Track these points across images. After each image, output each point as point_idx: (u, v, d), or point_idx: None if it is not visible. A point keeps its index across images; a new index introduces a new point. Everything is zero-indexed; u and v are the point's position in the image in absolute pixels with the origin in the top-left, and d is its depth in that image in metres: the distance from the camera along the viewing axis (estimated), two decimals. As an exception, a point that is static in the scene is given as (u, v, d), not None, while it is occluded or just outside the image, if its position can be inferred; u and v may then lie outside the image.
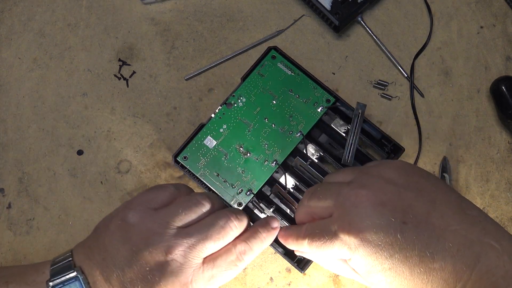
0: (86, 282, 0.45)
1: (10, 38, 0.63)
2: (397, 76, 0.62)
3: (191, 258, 0.45)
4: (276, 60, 0.58)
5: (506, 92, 0.59)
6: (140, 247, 0.45)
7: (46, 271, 0.47)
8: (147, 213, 0.47)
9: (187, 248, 0.45)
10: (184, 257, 0.45)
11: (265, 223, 0.50)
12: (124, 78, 0.62)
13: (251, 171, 0.55)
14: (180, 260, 0.45)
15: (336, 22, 0.61)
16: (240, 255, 0.48)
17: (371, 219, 0.42)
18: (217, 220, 0.48)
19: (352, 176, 0.47)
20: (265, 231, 0.49)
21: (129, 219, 0.47)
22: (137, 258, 0.45)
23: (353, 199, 0.44)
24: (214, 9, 0.64)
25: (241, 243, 0.48)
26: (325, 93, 0.58)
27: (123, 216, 0.47)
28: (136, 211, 0.47)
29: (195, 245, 0.46)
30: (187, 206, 0.48)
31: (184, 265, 0.45)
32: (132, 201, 0.49)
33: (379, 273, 0.42)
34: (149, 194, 0.50)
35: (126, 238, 0.46)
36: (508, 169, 0.60)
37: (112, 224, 0.47)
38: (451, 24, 0.64)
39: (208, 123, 0.57)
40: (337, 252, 0.44)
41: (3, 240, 0.58)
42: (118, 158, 0.60)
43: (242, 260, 0.48)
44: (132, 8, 0.64)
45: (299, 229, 0.48)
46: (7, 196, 0.59)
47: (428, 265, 0.41)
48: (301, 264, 0.54)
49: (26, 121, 0.61)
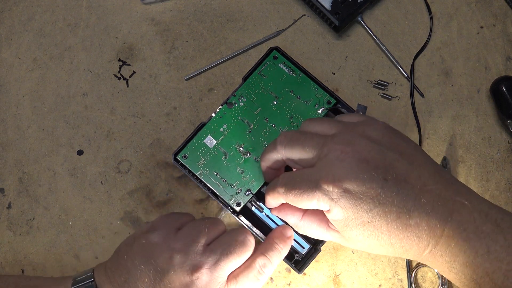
0: None
1: (10, 38, 0.63)
2: (397, 76, 0.62)
3: (217, 276, 0.46)
4: (278, 61, 0.58)
5: (506, 92, 0.59)
6: (165, 267, 0.45)
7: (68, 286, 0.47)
8: (170, 232, 0.47)
9: (212, 266, 0.45)
10: (209, 275, 0.45)
11: (280, 234, 0.50)
12: (124, 78, 0.62)
13: (251, 171, 0.55)
14: (205, 279, 0.45)
15: (336, 22, 0.61)
16: (261, 269, 0.48)
17: (355, 173, 0.43)
18: (236, 236, 0.48)
19: (336, 129, 0.47)
20: (281, 242, 0.50)
21: (153, 239, 0.47)
22: (161, 279, 0.45)
23: (338, 154, 0.44)
24: (214, 9, 0.64)
25: (260, 257, 0.48)
26: (326, 94, 0.58)
27: (147, 237, 0.47)
28: (160, 231, 0.47)
29: (220, 262, 0.46)
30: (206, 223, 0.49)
31: (209, 283, 0.45)
32: (154, 223, 0.49)
33: (358, 226, 0.43)
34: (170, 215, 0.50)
35: (149, 259, 0.45)
36: (508, 169, 0.60)
37: (135, 245, 0.47)
38: (451, 24, 0.64)
39: (208, 122, 0.57)
40: (316, 203, 0.44)
41: (3, 240, 0.58)
42: (118, 158, 0.60)
43: (263, 274, 0.48)
44: (132, 8, 0.64)
45: (275, 180, 0.48)
46: (7, 196, 0.59)
47: (404, 221, 0.42)
48: (298, 265, 0.54)
49: (26, 121, 0.61)
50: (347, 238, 0.45)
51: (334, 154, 0.44)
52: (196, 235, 0.47)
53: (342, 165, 0.44)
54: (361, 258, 0.57)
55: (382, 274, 0.57)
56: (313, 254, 0.53)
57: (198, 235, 0.47)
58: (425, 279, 0.57)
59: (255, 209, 0.55)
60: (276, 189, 0.47)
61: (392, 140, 0.46)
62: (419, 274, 0.57)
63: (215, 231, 0.49)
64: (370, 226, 0.43)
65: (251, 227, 0.54)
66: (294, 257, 0.54)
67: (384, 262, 0.57)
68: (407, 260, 0.56)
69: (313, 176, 0.45)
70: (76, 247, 0.58)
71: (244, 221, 0.55)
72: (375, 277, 0.56)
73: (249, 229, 0.54)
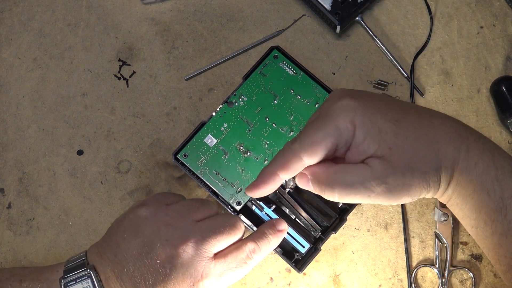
0: (98, 280, 0.45)
1: (10, 38, 0.63)
2: (397, 76, 0.62)
3: (203, 250, 0.46)
4: (278, 60, 0.58)
5: (506, 92, 0.59)
6: (152, 240, 0.45)
7: (60, 270, 0.47)
8: (160, 207, 0.48)
9: (199, 240, 0.46)
10: (195, 249, 0.45)
11: (272, 225, 0.50)
12: (124, 78, 0.62)
13: (251, 170, 0.55)
14: (191, 252, 0.45)
15: (336, 22, 0.61)
16: (250, 253, 0.48)
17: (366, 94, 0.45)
18: (227, 218, 0.48)
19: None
20: (272, 233, 0.50)
21: (142, 213, 0.47)
22: (148, 251, 0.45)
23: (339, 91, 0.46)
24: (214, 9, 0.64)
25: (251, 242, 0.48)
26: (326, 93, 0.58)
27: (136, 211, 0.48)
28: (149, 206, 0.48)
29: (207, 238, 0.46)
30: (197, 202, 0.49)
31: (195, 257, 0.45)
32: (146, 199, 0.50)
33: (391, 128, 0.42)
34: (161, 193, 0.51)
35: (137, 232, 0.46)
36: (508, 169, 0.60)
37: (125, 220, 0.48)
38: (451, 24, 0.64)
39: (209, 122, 0.57)
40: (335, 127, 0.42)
41: (3, 240, 0.58)
42: (118, 158, 0.60)
43: (252, 259, 0.48)
44: (132, 8, 0.64)
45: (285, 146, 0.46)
46: (7, 196, 0.59)
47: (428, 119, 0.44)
48: (298, 264, 0.54)
49: (26, 121, 0.61)
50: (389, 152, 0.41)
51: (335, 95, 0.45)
52: (186, 211, 0.48)
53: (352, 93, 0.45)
54: (361, 258, 0.57)
55: (382, 274, 0.56)
56: (313, 253, 0.53)
57: (188, 212, 0.48)
58: (425, 279, 0.57)
59: (255, 208, 0.55)
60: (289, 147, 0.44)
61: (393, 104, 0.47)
62: (419, 274, 0.57)
63: (205, 211, 0.49)
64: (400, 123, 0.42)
65: (251, 226, 0.54)
66: (294, 256, 0.54)
67: (384, 262, 0.57)
68: (407, 260, 0.56)
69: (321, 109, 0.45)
70: (76, 247, 0.57)
71: (245, 220, 0.54)
72: (375, 277, 0.56)
73: (250, 228, 0.54)
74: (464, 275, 0.56)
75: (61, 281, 0.46)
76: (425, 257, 0.57)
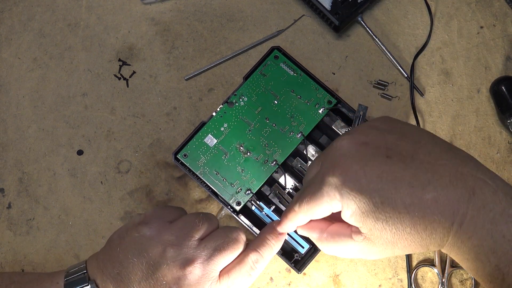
0: None
1: (10, 38, 0.63)
2: (397, 76, 0.62)
3: (209, 271, 0.45)
4: (279, 60, 0.58)
5: (506, 92, 0.59)
6: (157, 261, 0.45)
7: (60, 282, 0.47)
8: (164, 226, 0.47)
9: (205, 261, 0.45)
10: (202, 270, 0.45)
11: (271, 229, 0.49)
12: (124, 78, 0.62)
13: (251, 171, 0.55)
14: (198, 273, 0.45)
15: (336, 22, 0.61)
16: (253, 264, 0.47)
17: (354, 156, 0.42)
18: (229, 232, 0.48)
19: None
20: (273, 237, 0.49)
21: (145, 232, 0.46)
22: (154, 272, 0.44)
23: (335, 145, 0.44)
24: (214, 9, 0.64)
25: (253, 253, 0.48)
26: (326, 94, 0.58)
27: (139, 229, 0.47)
28: (152, 224, 0.47)
29: (213, 257, 0.45)
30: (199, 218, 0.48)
31: (202, 278, 0.45)
32: (147, 215, 0.48)
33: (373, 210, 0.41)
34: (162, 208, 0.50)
35: (142, 252, 0.45)
36: (508, 169, 0.60)
37: (127, 237, 0.47)
38: (451, 24, 0.64)
39: (209, 122, 0.57)
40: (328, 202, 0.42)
41: (3, 240, 0.58)
42: (118, 158, 0.60)
43: (255, 269, 0.47)
44: (132, 8, 0.64)
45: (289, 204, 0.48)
46: (7, 196, 0.59)
47: (420, 196, 0.40)
48: (298, 265, 0.54)
49: (26, 121, 0.61)
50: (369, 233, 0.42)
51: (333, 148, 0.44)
52: (189, 229, 0.47)
53: (341, 152, 0.43)
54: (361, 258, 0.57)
55: (382, 274, 0.56)
56: (313, 254, 0.53)
57: (192, 230, 0.47)
58: (425, 279, 0.57)
59: (255, 208, 0.55)
60: (292, 208, 0.46)
61: (393, 125, 0.44)
62: (419, 274, 0.57)
63: (208, 226, 0.48)
64: (385, 206, 0.40)
65: (250, 227, 0.54)
66: (293, 256, 0.54)
67: (384, 262, 0.57)
68: (407, 260, 0.56)
69: (318, 177, 0.44)
70: (76, 247, 0.57)
71: (244, 221, 0.54)
72: (375, 277, 0.56)
73: (249, 229, 0.54)
74: (464, 275, 0.56)
75: None
76: (425, 257, 0.57)
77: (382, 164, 0.41)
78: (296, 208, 0.45)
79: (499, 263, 0.39)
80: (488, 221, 0.39)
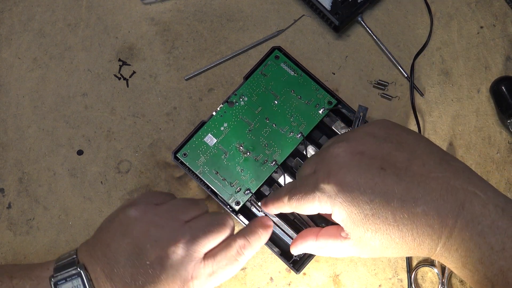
0: (88, 279, 0.45)
1: (10, 38, 0.63)
2: (397, 76, 0.62)
3: (193, 251, 0.45)
4: (279, 60, 0.58)
5: (506, 92, 0.59)
6: (141, 241, 0.45)
7: (51, 268, 0.47)
8: (149, 207, 0.48)
9: (189, 241, 0.45)
10: (185, 250, 0.45)
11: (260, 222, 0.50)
12: (124, 78, 0.62)
13: (250, 170, 0.55)
14: (181, 253, 0.45)
15: (336, 22, 0.61)
16: (240, 249, 0.47)
17: (349, 166, 0.43)
18: (215, 217, 0.48)
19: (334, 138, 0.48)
20: (262, 227, 0.49)
21: (131, 213, 0.47)
22: (138, 252, 0.45)
23: (331, 151, 0.44)
24: (214, 9, 0.64)
25: (240, 238, 0.48)
26: (327, 94, 0.57)
27: (126, 211, 0.47)
28: (138, 206, 0.48)
29: (197, 238, 0.46)
30: (186, 201, 0.49)
31: (185, 258, 0.45)
32: (134, 199, 0.50)
33: (363, 221, 0.42)
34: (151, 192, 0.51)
35: (127, 232, 0.46)
36: (508, 169, 0.60)
37: (115, 220, 0.47)
38: (451, 24, 0.64)
39: (209, 121, 0.57)
40: (318, 205, 0.44)
41: (3, 240, 0.58)
42: (118, 158, 0.60)
43: (242, 255, 0.48)
44: (132, 8, 0.64)
45: (279, 190, 0.48)
46: (7, 196, 0.59)
47: (410, 209, 0.41)
48: (297, 265, 0.54)
49: (26, 121, 0.61)
50: (358, 240, 0.44)
51: (329, 153, 0.45)
52: (175, 211, 0.48)
53: (336, 161, 0.43)
54: (361, 258, 0.57)
55: (382, 274, 0.56)
56: (312, 254, 0.53)
57: (178, 212, 0.47)
58: (425, 279, 0.57)
59: (254, 208, 0.55)
60: (281, 198, 0.47)
61: (390, 131, 0.45)
62: (419, 274, 0.57)
63: (195, 210, 0.49)
64: (375, 219, 0.42)
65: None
66: (292, 257, 0.54)
67: (384, 262, 0.57)
68: (407, 260, 0.56)
69: (311, 179, 0.45)
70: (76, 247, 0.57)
71: (243, 220, 0.54)
72: (375, 277, 0.56)
73: None
74: (464, 275, 0.56)
75: (51, 279, 0.46)
76: (425, 257, 0.57)
77: (376, 176, 0.42)
78: (285, 200, 0.46)
79: (487, 272, 0.41)
80: (476, 234, 0.40)
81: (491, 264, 0.40)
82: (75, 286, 0.45)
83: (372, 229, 0.42)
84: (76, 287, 0.45)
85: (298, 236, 0.49)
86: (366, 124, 0.47)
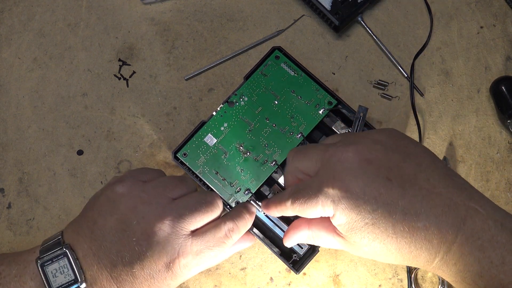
0: (74, 258, 0.45)
1: (10, 38, 0.63)
2: (397, 76, 0.62)
3: (179, 228, 0.45)
4: (280, 61, 0.58)
5: (506, 92, 0.59)
6: (128, 217, 0.45)
7: (37, 251, 0.47)
8: (136, 184, 0.48)
9: (175, 218, 0.45)
10: (171, 226, 0.45)
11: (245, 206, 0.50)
12: (124, 78, 0.62)
13: (250, 171, 0.55)
14: (167, 230, 0.45)
15: (336, 22, 0.61)
16: (228, 232, 0.48)
17: (356, 173, 0.42)
18: (204, 195, 0.48)
19: (340, 137, 0.48)
20: (248, 213, 0.50)
21: (118, 189, 0.47)
22: (124, 229, 0.45)
23: (339, 155, 0.44)
24: (214, 9, 0.64)
25: (229, 221, 0.48)
26: (327, 95, 0.57)
27: (113, 187, 0.47)
28: (125, 182, 0.47)
29: (184, 215, 0.46)
30: (175, 179, 0.49)
31: (171, 235, 0.45)
32: (122, 175, 0.49)
33: (362, 229, 0.42)
34: (139, 169, 0.51)
35: (114, 208, 0.46)
36: (508, 169, 0.60)
37: (101, 197, 0.47)
38: (451, 24, 0.64)
39: (209, 121, 0.57)
40: (321, 209, 0.43)
41: (3, 240, 0.58)
42: (118, 158, 0.60)
43: (230, 238, 0.48)
44: (132, 8, 0.64)
45: (281, 193, 0.48)
46: (7, 196, 0.59)
47: (411, 223, 0.41)
48: (296, 265, 0.54)
49: (26, 121, 0.61)
50: (352, 243, 0.44)
51: (335, 156, 0.44)
52: (163, 188, 0.47)
53: (343, 166, 0.43)
54: (361, 258, 0.57)
55: (382, 274, 0.56)
56: (311, 254, 0.53)
57: (165, 189, 0.47)
58: (425, 279, 0.57)
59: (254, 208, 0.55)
60: (283, 202, 0.47)
61: (398, 142, 0.45)
62: (419, 274, 0.57)
63: (183, 188, 0.48)
64: (375, 228, 0.42)
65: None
66: (292, 257, 0.54)
67: (384, 262, 0.57)
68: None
69: (315, 182, 0.44)
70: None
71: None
72: (375, 277, 0.56)
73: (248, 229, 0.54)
74: (464, 275, 0.56)
75: (37, 261, 0.46)
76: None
77: (382, 186, 0.42)
78: (288, 204, 0.46)
79: (486, 286, 0.41)
80: (476, 248, 0.41)
81: (491, 278, 0.41)
82: (62, 266, 0.45)
83: (370, 237, 0.42)
84: (63, 267, 0.45)
85: (290, 227, 0.49)
86: (374, 131, 0.47)
